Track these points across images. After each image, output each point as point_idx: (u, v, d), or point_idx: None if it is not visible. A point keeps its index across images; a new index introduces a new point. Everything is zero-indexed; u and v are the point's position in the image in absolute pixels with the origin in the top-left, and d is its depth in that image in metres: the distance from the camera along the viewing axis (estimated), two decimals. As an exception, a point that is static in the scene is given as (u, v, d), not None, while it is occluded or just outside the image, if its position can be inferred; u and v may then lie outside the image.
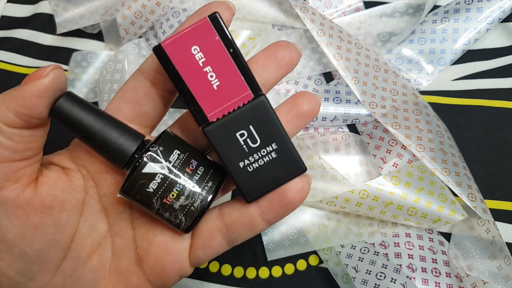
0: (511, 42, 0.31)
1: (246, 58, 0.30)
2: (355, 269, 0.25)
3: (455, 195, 0.25)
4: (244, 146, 0.15)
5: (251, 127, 0.14)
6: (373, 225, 0.27)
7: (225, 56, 0.14)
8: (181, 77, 0.14)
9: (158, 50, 0.14)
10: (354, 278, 0.24)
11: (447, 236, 0.26)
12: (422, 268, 0.25)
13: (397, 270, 0.24)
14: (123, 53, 0.30)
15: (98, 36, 0.34)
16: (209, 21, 0.14)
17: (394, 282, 0.23)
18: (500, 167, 0.28)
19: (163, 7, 0.31)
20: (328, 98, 0.29)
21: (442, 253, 0.26)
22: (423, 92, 0.30)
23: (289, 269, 0.26)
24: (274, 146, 0.15)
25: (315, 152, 0.27)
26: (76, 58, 0.33)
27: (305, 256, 0.27)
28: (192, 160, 0.15)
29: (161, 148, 0.15)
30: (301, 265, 0.26)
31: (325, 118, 0.29)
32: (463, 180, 0.26)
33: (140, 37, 0.32)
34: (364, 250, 0.26)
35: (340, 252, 0.26)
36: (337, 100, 0.29)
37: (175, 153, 0.15)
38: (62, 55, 0.33)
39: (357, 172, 0.28)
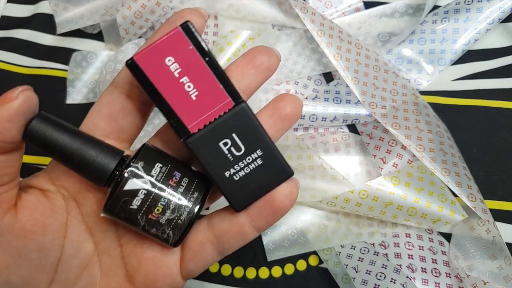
0: (511, 42, 0.31)
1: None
2: (355, 269, 0.25)
3: (455, 195, 0.25)
4: (229, 155, 0.14)
5: (234, 135, 0.14)
6: (373, 225, 0.27)
7: (201, 65, 0.14)
8: (157, 90, 0.14)
9: (131, 64, 0.13)
10: (354, 278, 0.24)
11: (447, 236, 0.26)
12: (422, 268, 0.25)
13: (397, 271, 0.24)
14: (123, 53, 0.30)
15: (98, 36, 0.34)
16: (182, 30, 0.13)
17: (394, 283, 0.23)
18: (500, 167, 0.28)
19: (163, 7, 0.31)
20: (328, 98, 0.29)
21: (442, 254, 0.25)
22: (423, 92, 0.30)
23: (289, 269, 0.26)
24: (259, 152, 0.14)
25: (315, 152, 0.27)
26: (76, 58, 0.33)
27: (305, 256, 0.27)
28: (175, 172, 0.15)
29: (141, 163, 0.14)
30: (301, 265, 0.26)
31: (325, 118, 0.29)
32: (463, 180, 0.26)
33: (140, 37, 0.32)
34: (364, 251, 0.26)
35: (340, 252, 0.26)
36: (337, 100, 0.29)
37: (157, 166, 0.14)
38: (62, 55, 0.33)
39: (357, 172, 0.28)
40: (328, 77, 0.31)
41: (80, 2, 0.33)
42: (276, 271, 0.26)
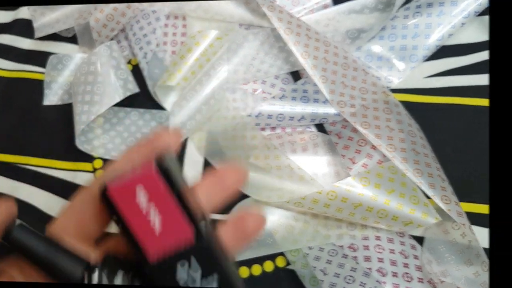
0: (488, 36, 0.30)
1: (214, 58, 0.30)
2: (323, 271, 0.24)
3: (428, 197, 0.25)
4: (186, 283, 0.15)
5: (192, 264, 0.15)
6: (341, 227, 0.26)
7: (169, 199, 0.15)
8: (125, 220, 0.15)
9: (104, 195, 0.14)
10: (322, 281, 0.24)
11: (420, 240, 0.25)
12: (392, 272, 0.24)
13: (366, 274, 0.23)
14: (96, 56, 0.30)
15: (73, 39, 0.35)
16: (156, 167, 0.14)
17: (364, 286, 0.23)
18: (476, 168, 0.27)
19: (133, 9, 0.31)
20: (295, 97, 0.29)
21: (414, 258, 0.25)
22: (394, 90, 0.29)
23: (256, 270, 0.26)
24: (215, 277, 0.15)
25: (282, 152, 0.27)
26: (53, 61, 0.34)
27: (272, 257, 0.26)
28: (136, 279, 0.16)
29: (105, 271, 0.15)
30: (269, 266, 0.26)
31: (293, 117, 0.28)
32: (436, 181, 0.25)
33: (112, 39, 0.33)
34: (333, 253, 0.25)
35: (307, 254, 0.25)
36: (304, 99, 0.29)
37: (119, 274, 0.15)
38: (40, 59, 0.34)
39: (325, 173, 0.28)
40: (296, 76, 0.31)
41: (56, 7, 0.34)
42: (243, 272, 0.26)
